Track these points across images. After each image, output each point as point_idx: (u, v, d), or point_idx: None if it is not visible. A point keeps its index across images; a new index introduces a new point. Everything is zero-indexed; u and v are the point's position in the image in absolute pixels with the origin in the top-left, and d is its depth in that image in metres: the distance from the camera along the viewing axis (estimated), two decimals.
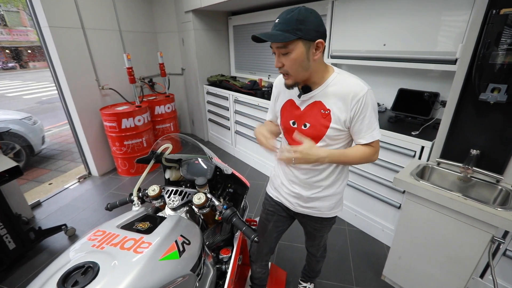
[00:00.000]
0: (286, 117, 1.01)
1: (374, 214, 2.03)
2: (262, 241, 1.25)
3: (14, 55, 14.34)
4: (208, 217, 1.00)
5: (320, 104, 0.91)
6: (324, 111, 0.91)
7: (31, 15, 2.41)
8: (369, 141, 0.91)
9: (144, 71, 3.61)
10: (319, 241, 1.29)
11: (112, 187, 2.89)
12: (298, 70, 0.84)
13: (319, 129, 0.93)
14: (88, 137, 2.93)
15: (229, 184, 1.17)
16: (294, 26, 0.78)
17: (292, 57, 0.81)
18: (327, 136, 0.92)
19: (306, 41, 0.80)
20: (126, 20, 3.24)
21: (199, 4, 3.00)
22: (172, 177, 1.18)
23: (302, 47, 0.80)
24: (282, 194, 1.14)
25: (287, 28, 0.78)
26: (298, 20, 0.77)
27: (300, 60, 0.82)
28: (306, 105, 0.94)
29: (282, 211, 1.19)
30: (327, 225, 1.18)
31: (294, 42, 0.80)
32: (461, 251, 1.26)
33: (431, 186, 1.27)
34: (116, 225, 0.78)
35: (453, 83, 1.34)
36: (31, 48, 16.03)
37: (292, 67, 0.84)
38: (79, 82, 2.75)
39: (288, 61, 0.83)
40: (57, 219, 2.36)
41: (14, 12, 16.11)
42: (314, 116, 0.93)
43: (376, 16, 1.88)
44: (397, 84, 2.11)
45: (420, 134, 1.63)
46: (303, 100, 0.94)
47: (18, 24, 16.04)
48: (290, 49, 0.81)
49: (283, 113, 1.02)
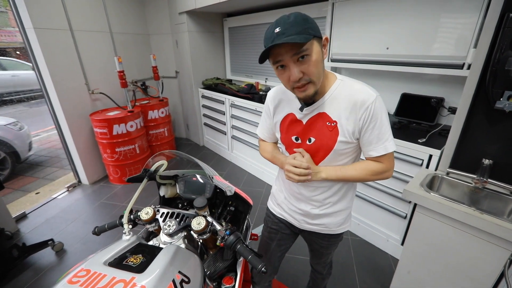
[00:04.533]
0: (287, 133, 0.92)
1: (378, 224, 1.96)
2: (266, 261, 1.16)
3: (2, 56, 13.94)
4: (208, 242, 0.90)
5: (325, 115, 0.83)
6: (330, 123, 0.82)
7: (14, 16, 2.26)
8: (382, 154, 0.82)
9: (136, 75, 3.48)
10: (326, 258, 1.21)
11: (104, 196, 2.75)
12: (320, 73, 0.75)
13: (325, 143, 0.84)
14: (78, 144, 2.78)
15: (230, 201, 1.08)
16: (304, 25, 0.68)
17: (313, 59, 0.71)
18: (335, 150, 0.84)
19: (319, 39, 0.73)
20: (117, 22, 3.11)
21: (193, 5, 2.90)
22: (167, 194, 1.08)
23: (318, 46, 0.72)
24: (286, 210, 1.06)
25: (299, 29, 0.67)
26: (304, 19, 0.69)
27: (320, 62, 0.73)
28: (308, 118, 0.86)
29: (285, 229, 1.11)
30: (335, 242, 1.10)
31: (311, 43, 0.70)
32: (475, 268, 1.19)
33: (444, 199, 1.20)
34: (103, 261, 0.67)
35: (465, 89, 1.27)
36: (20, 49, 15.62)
37: (315, 72, 0.72)
38: (67, 86, 2.61)
39: (310, 66, 0.71)
40: (44, 232, 2.22)
41: (1, 12, 15.65)
42: (319, 130, 0.84)
43: (379, 18, 1.81)
44: (400, 89, 2.04)
45: (427, 142, 1.56)
46: (305, 113, 0.86)
47: (5, 25, 15.57)
48: (308, 51, 0.70)
49: (283, 129, 0.93)
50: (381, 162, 0.85)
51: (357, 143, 0.86)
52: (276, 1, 2.60)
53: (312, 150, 0.87)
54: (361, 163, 0.87)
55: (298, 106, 0.87)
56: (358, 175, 0.85)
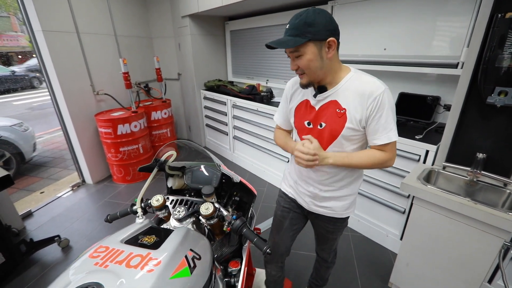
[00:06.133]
0: (300, 118, 1.01)
1: (377, 219, 2.01)
2: (279, 239, 1.22)
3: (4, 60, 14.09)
4: (215, 227, 0.95)
5: (335, 103, 0.91)
6: (339, 110, 0.90)
7: (23, 19, 2.33)
8: (385, 142, 0.89)
9: (140, 76, 3.55)
10: (331, 244, 1.25)
11: (107, 195, 2.80)
12: (313, 69, 0.86)
13: (334, 128, 0.92)
14: (82, 144, 2.84)
15: (235, 192, 1.12)
16: (303, 29, 0.80)
17: (306, 58, 0.84)
18: (342, 136, 0.91)
19: (317, 42, 0.82)
20: (122, 25, 3.19)
21: (196, 8, 2.98)
22: (175, 185, 1.13)
23: (313, 47, 0.82)
24: (297, 191, 1.14)
25: (297, 33, 0.81)
26: (307, 23, 0.80)
27: (314, 61, 0.84)
28: (321, 105, 0.94)
29: (297, 208, 1.18)
30: (340, 227, 1.16)
31: (305, 45, 0.82)
32: (471, 257, 1.24)
33: (440, 191, 1.25)
34: (120, 239, 0.72)
35: (458, 86, 1.33)
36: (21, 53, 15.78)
37: (307, 68, 0.86)
38: (73, 87, 2.67)
39: (302, 63, 0.85)
40: (50, 230, 2.26)
41: (4, 17, 15.82)
42: (330, 116, 0.92)
43: (377, 20, 1.89)
44: (397, 88, 2.11)
45: (424, 138, 1.62)
46: (318, 100, 0.94)
47: (8, 29, 15.73)
48: (302, 52, 0.83)
49: (297, 114, 1.03)
50: (384, 151, 0.91)
51: (364, 132, 0.92)
52: (275, 5, 2.68)
53: (322, 134, 0.95)
54: (366, 151, 0.93)
55: (313, 93, 0.96)
56: (364, 162, 0.91)
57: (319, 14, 0.81)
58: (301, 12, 0.82)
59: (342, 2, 2.06)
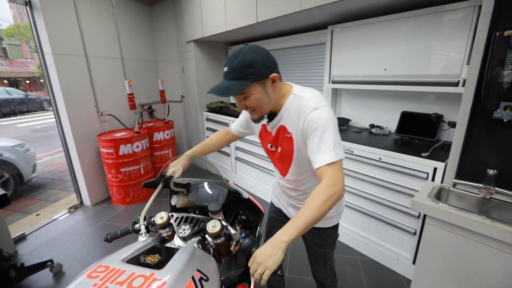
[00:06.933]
0: (264, 141, 1.06)
1: (387, 242, 1.92)
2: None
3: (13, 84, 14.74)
4: (221, 248, 0.89)
5: (283, 128, 0.94)
6: (287, 134, 0.93)
7: (35, 44, 2.43)
8: (319, 165, 0.79)
9: (144, 98, 3.61)
10: (323, 260, 1.21)
11: (105, 217, 2.70)
12: (262, 106, 0.87)
13: (287, 152, 0.96)
14: (83, 164, 2.81)
15: (241, 210, 1.08)
16: (244, 71, 0.79)
17: (253, 98, 0.84)
18: (296, 158, 0.95)
19: (261, 81, 0.82)
20: (129, 49, 3.31)
21: (201, 34, 3.11)
22: (179, 203, 1.09)
23: (258, 87, 0.83)
24: (281, 201, 1.20)
25: (238, 76, 0.79)
26: (246, 65, 0.78)
27: (261, 98, 0.85)
28: (275, 130, 0.97)
29: (283, 218, 1.21)
30: (325, 238, 1.13)
31: (249, 86, 0.81)
32: (491, 279, 1.15)
33: (454, 209, 1.21)
34: (121, 258, 0.67)
35: (462, 103, 1.34)
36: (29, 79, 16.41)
37: (256, 106, 0.86)
38: (78, 108, 2.71)
39: (250, 103, 0.85)
40: (43, 254, 2.15)
41: (17, 45, 16.63)
42: (282, 141, 0.96)
43: (376, 42, 1.95)
44: (398, 107, 2.13)
45: (430, 156, 1.60)
46: (271, 126, 0.98)
47: (19, 56, 16.49)
48: (248, 93, 0.83)
49: (262, 138, 1.08)
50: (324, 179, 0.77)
51: None
52: (276, 31, 2.80)
53: (282, 157, 0.99)
54: (309, 199, 0.76)
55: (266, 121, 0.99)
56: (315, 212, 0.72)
57: (255, 53, 0.80)
58: (237, 53, 0.80)
59: (341, 26, 2.16)
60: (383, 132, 2.18)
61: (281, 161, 1.02)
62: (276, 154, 1.02)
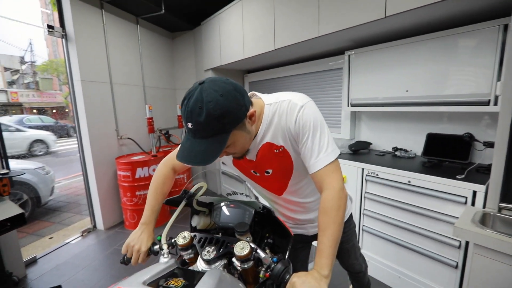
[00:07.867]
0: (244, 168, 0.95)
1: (423, 276, 1.71)
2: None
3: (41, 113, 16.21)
4: (248, 274, 0.80)
5: (270, 145, 0.82)
6: (277, 150, 0.82)
7: (66, 71, 2.60)
8: (317, 169, 0.75)
9: (162, 124, 3.71)
10: (354, 252, 1.20)
11: (117, 242, 2.62)
12: (245, 144, 0.77)
13: (284, 168, 0.86)
14: (100, 187, 2.81)
15: (267, 233, 0.99)
16: (217, 125, 0.63)
17: (238, 144, 0.73)
18: (296, 169, 0.86)
19: (240, 124, 0.69)
20: (150, 77, 3.49)
21: (219, 62, 3.25)
22: (199, 224, 1.02)
23: (239, 131, 0.70)
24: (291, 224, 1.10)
25: (211, 132, 0.64)
26: (217, 117, 0.61)
27: (244, 139, 0.74)
28: (256, 153, 0.84)
29: (297, 243, 1.11)
30: (348, 232, 1.12)
31: (230, 137, 0.68)
32: None
33: (504, 236, 1.07)
34: (142, 281, 0.60)
35: (499, 121, 1.26)
36: (56, 108, 17.77)
37: (239, 150, 0.78)
38: (99, 131, 2.79)
39: (233, 150, 0.76)
40: (52, 279, 2.06)
41: (48, 79, 18.19)
42: (272, 160, 0.84)
43: (395, 64, 1.94)
44: (421, 129, 2.06)
45: (466, 178, 1.48)
46: (251, 154, 0.85)
47: (49, 88, 17.95)
48: (230, 142, 0.70)
49: (239, 167, 0.96)
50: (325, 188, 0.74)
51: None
52: (292, 58, 2.88)
53: (274, 179, 0.90)
54: (321, 219, 0.74)
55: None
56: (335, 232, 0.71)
57: (222, 96, 0.62)
58: (199, 104, 0.60)
59: (359, 51, 2.18)
60: (408, 154, 2.08)
61: (276, 181, 0.91)
62: (262, 178, 0.92)
